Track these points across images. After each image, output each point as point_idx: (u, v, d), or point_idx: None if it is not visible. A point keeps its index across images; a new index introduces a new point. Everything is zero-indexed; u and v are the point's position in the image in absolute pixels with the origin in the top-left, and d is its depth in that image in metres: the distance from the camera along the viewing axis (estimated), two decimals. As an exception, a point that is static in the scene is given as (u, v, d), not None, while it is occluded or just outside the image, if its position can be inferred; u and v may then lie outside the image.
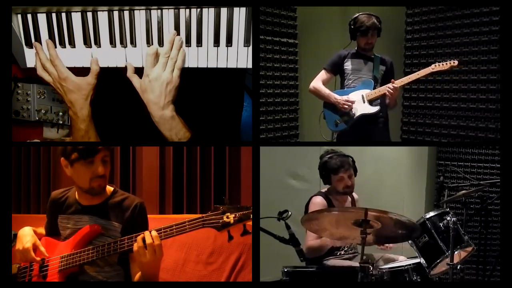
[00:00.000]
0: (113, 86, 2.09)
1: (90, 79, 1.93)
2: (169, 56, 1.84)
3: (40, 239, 1.98)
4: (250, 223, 1.71)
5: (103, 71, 1.96)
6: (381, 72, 2.67)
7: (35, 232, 1.99)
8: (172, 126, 1.89)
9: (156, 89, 1.84)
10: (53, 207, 2.03)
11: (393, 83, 2.54)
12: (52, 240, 1.98)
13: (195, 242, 2.41)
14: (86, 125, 1.97)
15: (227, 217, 1.69)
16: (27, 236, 1.95)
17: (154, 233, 1.74)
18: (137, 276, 1.84)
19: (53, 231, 2.01)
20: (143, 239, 1.72)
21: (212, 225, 1.70)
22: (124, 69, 1.92)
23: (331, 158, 2.39)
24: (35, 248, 1.92)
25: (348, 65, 2.68)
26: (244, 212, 1.68)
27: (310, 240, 2.29)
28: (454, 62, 2.49)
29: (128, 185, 2.81)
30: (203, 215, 1.73)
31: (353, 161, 2.42)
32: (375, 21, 2.59)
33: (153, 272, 1.80)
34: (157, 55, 1.85)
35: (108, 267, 1.89)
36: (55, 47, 1.95)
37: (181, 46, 1.86)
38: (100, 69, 1.94)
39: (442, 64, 2.50)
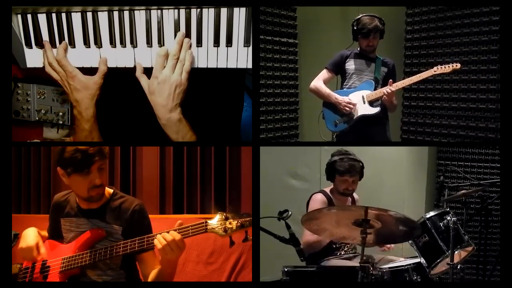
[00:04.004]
0: (116, 86, 2.08)
1: (97, 78, 1.92)
2: (178, 58, 1.82)
3: (43, 242, 1.98)
4: (251, 230, 1.73)
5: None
6: (382, 74, 2.67)
7: (39, 233, 2.00)
8: (179, 129, 1.88)
9: (165, 92, 1.82)
10: (55, 210, 2.04)
11: (390, 84, 2.53)
12: (55, 243, 1.99)
13: (196, 242, 2.41)
14: (90, 125, 1.96)
15: (230, 223, 1.71)
16: (31, 235, 1.96)
17: (171, 231, 1.73)
18: (153, 274, 1.84)
19: (55, 234, 2.01)
20: (165, 238, 1.71)
21: (214, 230, 1.72)
22: (126, 69, 1.92)
23: (342, 160, 2.38)
24: (37, 248, 1.93)
25: (350, 65, 2.68)
26: (246, 219, 1.71)
27: (307, 235, 2.29)
28: (456, 65, 2.48)
29: (129, 185, 2.81)
30: (206, 219, 1.74)
31: (362, 167, 2.41)
32: (378, 23, 2.56)
33: (174, 266, 1.82)
34: (167, 57, 1.84)
35: (111, 271, 1.89)
36: (55, 47, 1.95)
37: (189, 48, 1.84)
38: (108, 69, 1.93)
39: (445, 67, 2.50)
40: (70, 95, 1.95)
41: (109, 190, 1.98)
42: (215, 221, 1.73)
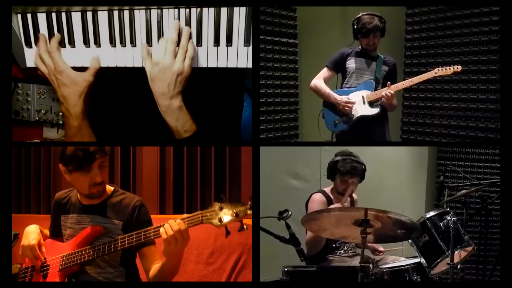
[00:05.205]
0: (115, 85, 2.08)
1: (88, 76, 1.90)
2: (177, 44, 1.80)
3: (44, 240, 1.98)
4: (247, 219, 1.72)
5: (104, 70, 1.96)
6: (383, 73, 2.66)
7: (41, 231, 2.00)
8: (179, 117, 1.85)
9: (166, 79, 1.79)
10: (56, 208, 2.04)
11: (389, 86, 2.53)
12: (54, 241, 1.99)
13: (196, 242, 2.41)
14: (78, 122, 1.94)
15: (225, 213, 1.70)
16: (33, 233, 1.95)
17: (178, 220, 1.72)
18: (156, 268, 1.83)
19: (56, 232, 2.02)
20: (171, 227, 1.70)
21: (210, 221, 1.71)
22: (126, 69, 1.92)
23: (344, 161, 2.36)
24: (39, 246, 1.93)
25: (351, 63, 2.67)
26: (241, 208, 1.69)
27: (308, 234, 2.29)
28: (457, 68, 2.47)
29: (128, 185, 2.81)
30: (201, 211, 1.73)
31: (364, 169, 2.39)
32: (378, 22, 2.55)
33: (179, 259, 1.80)
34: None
35: (110, 268, 1.89)
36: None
37: (190, 37, 1.83)
38: (100, 67, 1.92)
39: (445, 69, 2.49)
40: (57, 90, 1.93)
41: (110, 188, 1.99)
42: (209, 211, 1.72)
